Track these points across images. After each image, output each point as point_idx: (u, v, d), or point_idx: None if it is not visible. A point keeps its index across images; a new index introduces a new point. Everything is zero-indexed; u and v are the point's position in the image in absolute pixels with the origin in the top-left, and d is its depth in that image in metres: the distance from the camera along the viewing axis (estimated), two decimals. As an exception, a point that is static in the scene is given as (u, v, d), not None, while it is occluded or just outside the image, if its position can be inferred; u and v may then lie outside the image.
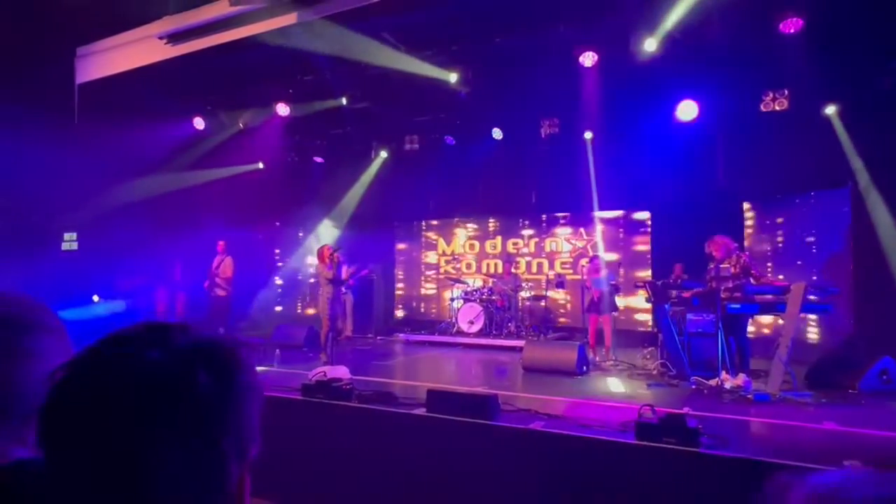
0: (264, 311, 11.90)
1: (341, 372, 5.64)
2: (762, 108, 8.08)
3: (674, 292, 6.83)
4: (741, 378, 5.82)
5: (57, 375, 0.60)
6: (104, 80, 8.91)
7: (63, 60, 9.07)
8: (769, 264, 8.98)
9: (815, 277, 8.14)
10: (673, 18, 6.93)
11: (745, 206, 9.48)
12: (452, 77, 8.49)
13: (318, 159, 11.77)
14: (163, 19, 8.15)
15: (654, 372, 6.96)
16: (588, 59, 7.79)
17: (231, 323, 10.02)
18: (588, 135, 9.75)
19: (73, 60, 9.16)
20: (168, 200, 10.66)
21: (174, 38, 8.06)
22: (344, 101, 9.36)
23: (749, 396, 5.49)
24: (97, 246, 10.50)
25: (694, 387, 6.07)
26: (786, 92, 7.87)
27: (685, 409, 4.67)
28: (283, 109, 9.71)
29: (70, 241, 11.14)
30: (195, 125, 10.35)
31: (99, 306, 10.16)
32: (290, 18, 7.00)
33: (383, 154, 11.49)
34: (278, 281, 12.86)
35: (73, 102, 9.22)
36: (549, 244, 11.26)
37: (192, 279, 10.38)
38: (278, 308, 12.63)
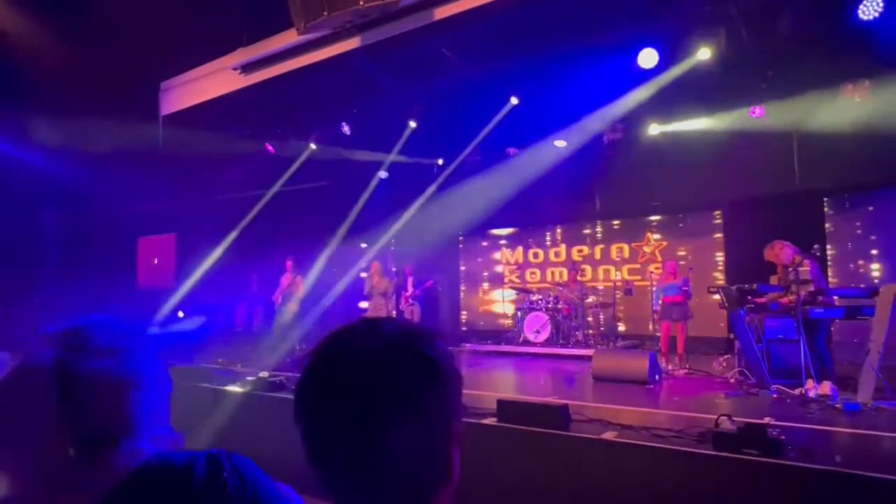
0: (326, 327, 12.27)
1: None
2: (843, 95, 7.68)
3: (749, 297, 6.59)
4: (827, 386, 5.54)
5: (305, 363, 0.77)
6: (186, 110, 9.61)
7: (149, 95, 9.87)
8: (851, 265, 8.47)
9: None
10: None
11: (825, 203, 9.00)
12: (514, 100, 8.67)
13: (383, 174, 12.11)
14: (237, 51, 8.72)
15: (732, 380, 6.72)
16: (648, 59, 7.68)
17: (301, 339, 10.38)
18: (654, 129, 9.44)
19: (158, 95, 9.93)
20: (243, 217, 11.32)
21: (247, 68, 8.60)
22: (413, 123, 9.60)
23: (837, 406, 5.22)
24: (182, 262, 11.25)
25: (775, 395, 5.82)
26: (866, 83, 7.46)
27: (766, 419, 4.52)
28: (347, 129, 10.11)
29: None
30: (267, 149, 10.94)
31: (184, 322, 10.86)
32: (354, 43, 7.33)
33: (441, 163, 11.71)
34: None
35: (159, 132, 9.98)
36: (614, 250, 11.08)
37: (268, 293, 10.89)
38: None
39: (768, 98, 8.36)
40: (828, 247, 8.69)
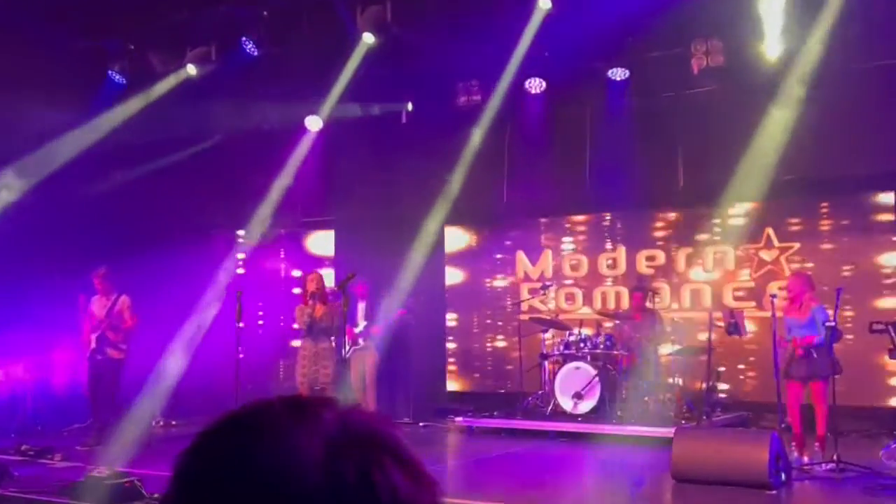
0: (197, 384, 11.85)
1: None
2: None
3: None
4: None
5: (179, 470, 0.72)
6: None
7: None
8: None
9: None
10: None
11: None
12: (544, 3, 8.71)
13: (314, 123, 11.99)
14: None
15: (912, 483, 6.81)
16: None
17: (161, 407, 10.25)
18: (773, 50, 9.37)
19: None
20: (70, 202, 11.17)
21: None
22: (369, 38, 9.59)
23: None
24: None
25: None
26: None
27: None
28: (252, 47, 10.05)
29: None
30: (111, 76, 10.81)
31: None
32: None
33: (411, 109, 11.73)
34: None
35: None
36: (710, 257, 11.12)
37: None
38: None
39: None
40: None
